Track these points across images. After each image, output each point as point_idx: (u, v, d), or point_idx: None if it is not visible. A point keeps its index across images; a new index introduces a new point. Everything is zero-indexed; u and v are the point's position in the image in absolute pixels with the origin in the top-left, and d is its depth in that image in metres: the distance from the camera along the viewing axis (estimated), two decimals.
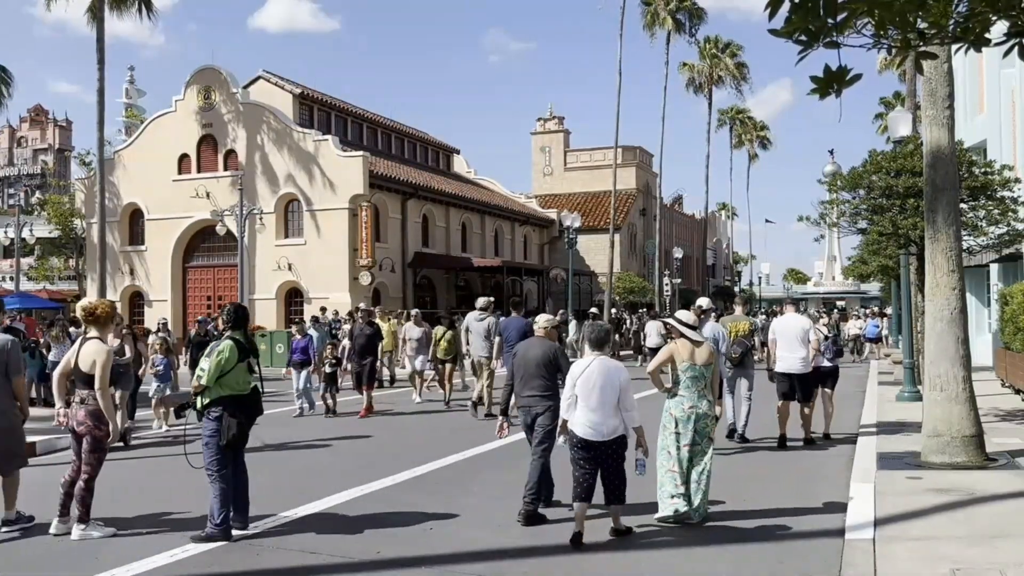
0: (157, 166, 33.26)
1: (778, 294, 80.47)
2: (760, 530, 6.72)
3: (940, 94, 9.25)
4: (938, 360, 9.05)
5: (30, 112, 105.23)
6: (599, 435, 6.24)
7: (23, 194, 76.02)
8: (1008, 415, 12.50)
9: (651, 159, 53.07)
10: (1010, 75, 19.28)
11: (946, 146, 9.20)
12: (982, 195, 14.98)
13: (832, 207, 16.97)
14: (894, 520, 6.55)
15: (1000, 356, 16.65)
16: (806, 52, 3.41)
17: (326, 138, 31.82)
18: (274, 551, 6.20)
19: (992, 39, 3.67)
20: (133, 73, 73.71)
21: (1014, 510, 6.85)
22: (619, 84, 40.24)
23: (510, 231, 43.51)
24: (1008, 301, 15.43)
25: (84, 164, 48.31)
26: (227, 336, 6.79)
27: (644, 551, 6.22)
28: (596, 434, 6.23)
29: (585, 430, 6.25)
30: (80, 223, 39.98)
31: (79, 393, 6.77)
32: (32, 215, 46.29)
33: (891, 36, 3.63)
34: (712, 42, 53.96)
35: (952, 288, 9.02)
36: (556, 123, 53.05)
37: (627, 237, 48.37)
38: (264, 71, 35.22)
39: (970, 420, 8.87)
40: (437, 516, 7.16)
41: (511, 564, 5.91)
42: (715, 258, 69.10)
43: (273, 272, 31.68)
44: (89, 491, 6.64)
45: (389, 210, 33.38)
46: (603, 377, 6.26)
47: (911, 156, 15.05)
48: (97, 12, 28.68)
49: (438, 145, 45.63)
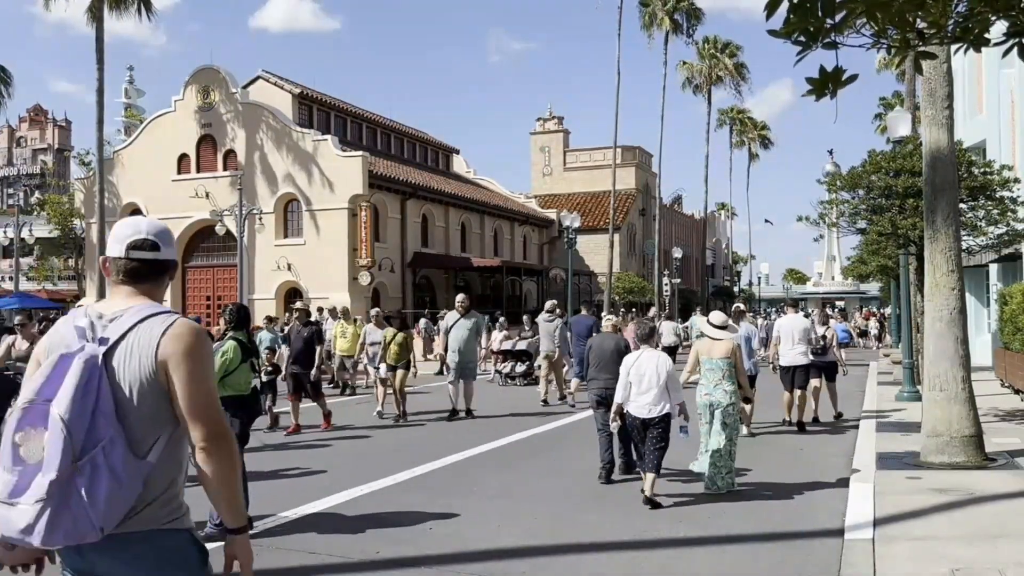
0: (156, 166, 33.26)
1: (777, 294, 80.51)
2: (759, 530, 6.72)
3: (939, 94, 9.25)
4: (937, 360, 9.05)
5: (29, 112, 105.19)
6: (649, 413, 7.47)
7: (22, 194, 76.08)
8: (1007, 415, 12.51)
9: (650, 159, 53.08)
10: (1009, 75, 19.28)
11: (945, 146, 9.20)
12: (981, 195, 14.98)
13: (831, 207, 16.96)
14: (893, 520, 6.56)
15: (999, 356, 16.66)
16: (805, 52, 3.41)
17: (325, 138, 31.82)
18: (274, 551, 6.20)
19: (991, 39, 3.66)
20: (132, 73, 73.76)
21: (1013, 510, 6.86)
22: (618, 84, 40.30)
23: (509, 231, 43.51)
24: (1007, 301, 15.44)
25: (83, 164, 48.38)
26: (230, 336, 6.80)
27: (644, 551, 6.23)
28: (647, 412, 7.47)
29: (639, 410, 7.48)
30: (79, 223, 39.99)
31: None
32: (32, 215, 46.29)
33: (890, 36, 3.63)
34: (711, 42, 53.93)
35: (951, 288, 9.02)
36: (555, 123, 53.05)
37: (626, 237, 48.38)
38: (263, 71, 35.23)
39: (969, 420, 8.87)
40: (437, 516, 7.16)
41: (510, 564, 5.91)
42: (714, 258, 69.11)
43: (272, 272, 31.69)
44: None
45: (388, 210, 33.39)
46: (650, 365, 7.50)
47: (910, 156, 15.05)
48: (96, 12, 28.68)
49: (437, 145, 45.63)
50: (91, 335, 2.47)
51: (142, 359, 2.45)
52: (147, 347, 2.46)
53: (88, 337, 2.47)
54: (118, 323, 2.49)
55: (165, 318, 2.51)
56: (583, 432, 11.66)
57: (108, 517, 2.34)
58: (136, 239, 2.59)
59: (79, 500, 2.31)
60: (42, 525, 2.30)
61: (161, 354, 2.45)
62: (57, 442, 2.30)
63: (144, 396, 2.44)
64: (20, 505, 2.32)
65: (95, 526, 2.33)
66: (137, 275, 2.60)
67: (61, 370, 2.39)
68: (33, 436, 2.34)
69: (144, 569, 2.45)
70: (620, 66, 40.15)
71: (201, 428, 2.47)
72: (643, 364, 7.53)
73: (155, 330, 2.48)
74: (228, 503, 2.55)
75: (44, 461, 2.31)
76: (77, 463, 2.31)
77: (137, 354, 2.45)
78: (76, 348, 2.45)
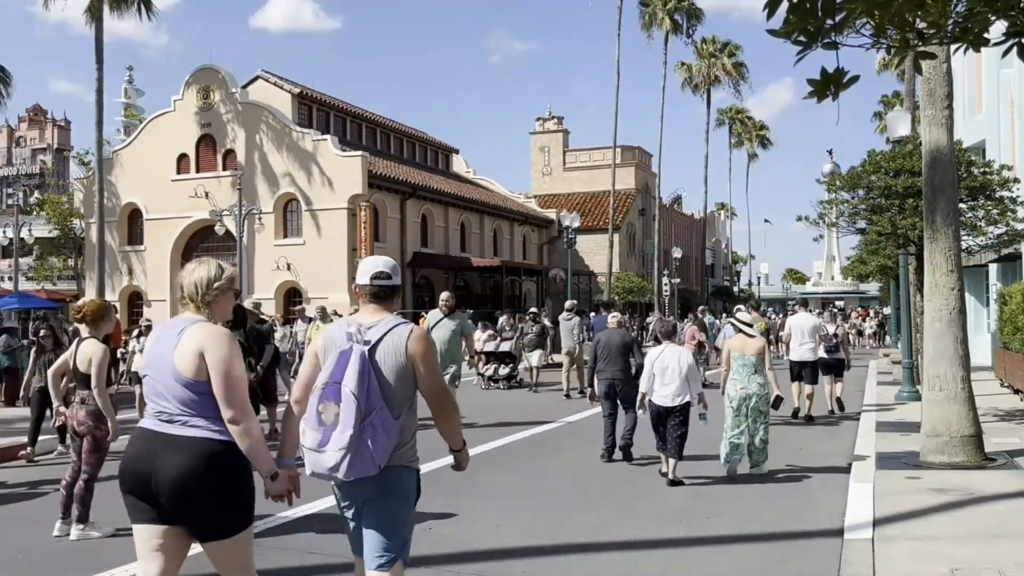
0: (156, 166, 33.26)
1: (777, 294, 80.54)
2: (759, 530, 6.72)
3: (939, 94, 9.24)
4: (937, 360, 9.05)
5: (29, 112, 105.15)
6: (671, 402, 8.22)
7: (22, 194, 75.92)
8: (1007, 415, 12.51)
9: (650, 159, 53.08)
10: (1009, 75, 19.27)
11: (945, 146, 9.20)
12: (981, 195, 14.98)
13: (831, 207, 16.97)
14: (893, 520, 6.56)
15: (999, 356, 16.66)
16: (805, 52, 3.41)
17: (325, 138, 31.83)
18: (274, 551, 6.20)
19: (991, 39, 3.66)
20: (132, 73, 73.82)
21: (1013, 510, 6.86)
22: (618, 84, 40.33)
23: (509, 231, 43.51)
24: (1007, 301, 15.44)
25: (83, 164, 48.36)
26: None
27: (643, 551, 6.23)
28: (669, 402, 8.23)
29: (662, 399, 8.25)
30: (79, 223, 40.01)
31: (79, 393, 6.78)
32: (31, 215, 46.25)
33: (890, 36, 3.63)
34: (710, 42, 53.93)
35: (951, 288, 9.02)
36: (555, 123, 53.05)
37: (626, 237, 48.38)
38: (263, 71, 35.24)
39: (969, 420, 8.87)
40: (436, 516, 7.16)
41: (510, 564, 5.91)
42: (714, 258, 69.11)
43: (272, 272, 31.69)
44: (89, 491, 6.64)
45: (388, 210, 33.39)
46: (673, 359, 8.31)
47: (910, 156, 15.05)
48: (96, 12, 28.66)
49: (437, 145, 45.63)
50: (357, 338, 3.60)
51: (396, 355, 3.62)
52: (399, 347, 3.63)
53: (355, 339, 3.59)
54: (375, 330, 3.65)
55: (406, 327, 3.70)
56: (583, 432, 11.67)
57: (382, 458, 3.53)
58: (376, 271, 3.78)
59: (366, 448, 3.48)
60: (344, 465, 3.48)
61: (410, 351, 3.63)
62: (351, 409, 3.46)
63: (398, 379, 3.62)
64: (327, 452, 3.50)
65: (376, 464, 3.53)
66: (378, 296, 3.78)
67: (343, 361, 3.53)
68: (330, 407, 3.50)
69: (390, 492, 3.65)
70: (620, 66, 40.21)
71: (435, 397, 3.71)
72: (666, 358, 8.37)
73: (403, 335, 3.66)
74: (453, 435, 3.86)
75: (340, 423, 3.48)
76: (363, 423, 3.47)
77: (392, 351, 3.62)
78: (347, 347, 3.58)
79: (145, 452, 3.42)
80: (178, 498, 3.35)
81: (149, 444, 3.43)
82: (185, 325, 3.51)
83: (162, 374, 3.46)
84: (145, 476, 3.38)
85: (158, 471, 3.35)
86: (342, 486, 3.74)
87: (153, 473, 3.36)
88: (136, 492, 3.44)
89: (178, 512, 3.39)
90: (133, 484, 3.44)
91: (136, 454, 3.45)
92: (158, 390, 3.47)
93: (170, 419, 3.43)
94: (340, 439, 3.45)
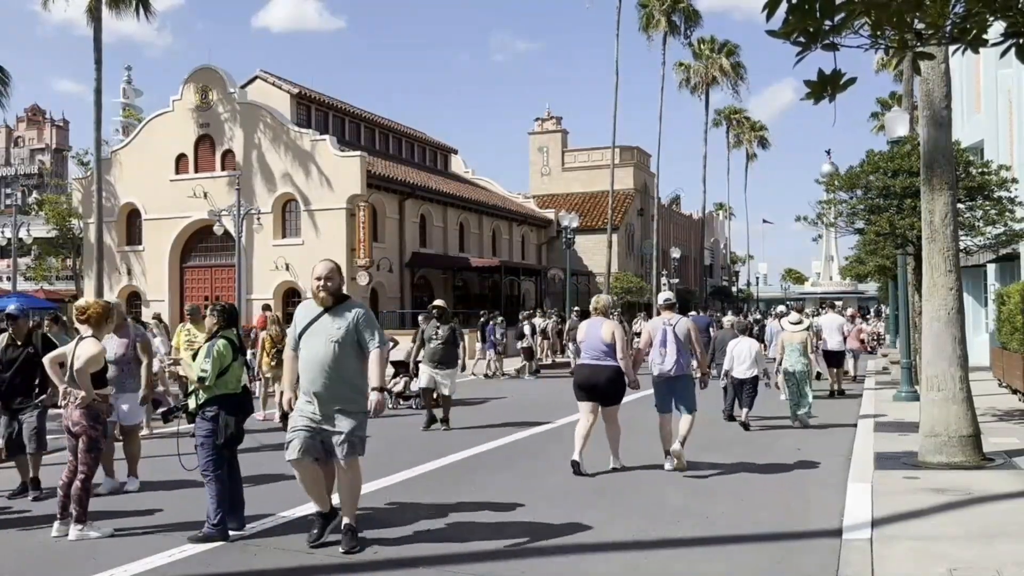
0: (154, 166, 33.24)
1: (776, 294, 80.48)
2: (757, 530, 6.73)
3: (937, 94, 9.25)
4: (935, 360, 9.06)
5: (27, 112, 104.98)
6: (745, 375, 12.30)
7: (20, 194, 75.87)
8: (1005, 415, 12.53)
9: (649, 159, 53.09)
10: (1007, 75, 19.30)
11: (943, 146, 9.21)
12: (979, 195, 15.02)
13: (829, 207, 17.00)
14: (891, 520, 6.56)
15: (997, 356, 16.68)
16: (804, 53, 3.41)
17: (323, 138, 31.81)
18: (273, 551, 6.20)
19: (989, 39, 3.67)
20: (130, 73, 73.87)
21: (1011, 510, 6.87)
22: (616, 84, 40.32)
23: (508, 231, 43.51)
24: (1005, 301, 15.46)
25: (81, 164, 48.30)
26: (221, 335, 6.80)
27: (642, 551, 6.23)
28: (744, 374, 12.32)
29: (740, 373, 12.34)
30: (77, 223, 39.97)
31: (74, 392, 6.78)
32: (29, 215, 46.23)
33: (888, 37, 3.64)
34: (708, 42, 53.94)
35: (949, 288, 9.03)
36: (554, 123, 53.06)
37: (625, 237, 48.41)
38: (261, 71, 35.22)
39: (967, 420, 8.88)
40: (435, 516, 7.17)
41: (509, 564, 5.91)
42: (713, 258, 69.13)
43: (271, 272, 31.68)
44: (86, 491, 6.63)
45: (387, 210, 33.39)
46: (745, 347, 12.52)
47: (908, 156, 15.08)
48: (95, 12, 28.65)
49: (436, 145, 45.63)
50: (668, 324, 9.01)
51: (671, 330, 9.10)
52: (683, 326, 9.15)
53: (667, 324, 9.02)
54: (678, 321, 9.16)
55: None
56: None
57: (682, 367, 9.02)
58: (666, 295, 9.73)
59: (680, 361, 8.92)
60: (673, 370, 8.93)
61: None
62: (673, 346, 8.91)
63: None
64: (667, 362, 8.94)
65: (683, 371, 8.98)
66: (671, 307, 9.32)
67: (663, 332, 8.98)
68: (668, 345, 8.95)
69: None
70: (619, 66, 40.20)
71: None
72: (741, 346, 12.57)
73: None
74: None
75: (667, 353, 8.92)
76: (678, 355, 8.94)
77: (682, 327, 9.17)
78: (664, 326, 9.02)
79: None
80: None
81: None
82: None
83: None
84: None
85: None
86: (662, 388, 9.17)
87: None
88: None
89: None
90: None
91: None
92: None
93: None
94: (671, 360, 8.95)
